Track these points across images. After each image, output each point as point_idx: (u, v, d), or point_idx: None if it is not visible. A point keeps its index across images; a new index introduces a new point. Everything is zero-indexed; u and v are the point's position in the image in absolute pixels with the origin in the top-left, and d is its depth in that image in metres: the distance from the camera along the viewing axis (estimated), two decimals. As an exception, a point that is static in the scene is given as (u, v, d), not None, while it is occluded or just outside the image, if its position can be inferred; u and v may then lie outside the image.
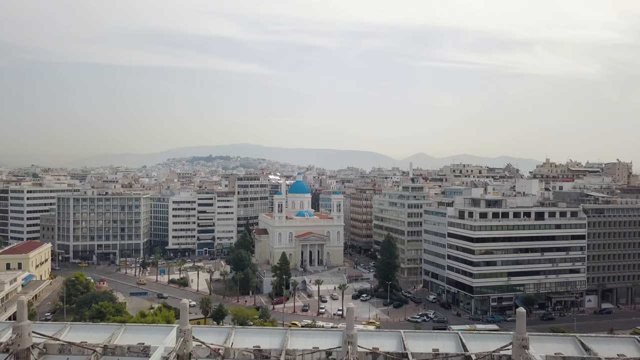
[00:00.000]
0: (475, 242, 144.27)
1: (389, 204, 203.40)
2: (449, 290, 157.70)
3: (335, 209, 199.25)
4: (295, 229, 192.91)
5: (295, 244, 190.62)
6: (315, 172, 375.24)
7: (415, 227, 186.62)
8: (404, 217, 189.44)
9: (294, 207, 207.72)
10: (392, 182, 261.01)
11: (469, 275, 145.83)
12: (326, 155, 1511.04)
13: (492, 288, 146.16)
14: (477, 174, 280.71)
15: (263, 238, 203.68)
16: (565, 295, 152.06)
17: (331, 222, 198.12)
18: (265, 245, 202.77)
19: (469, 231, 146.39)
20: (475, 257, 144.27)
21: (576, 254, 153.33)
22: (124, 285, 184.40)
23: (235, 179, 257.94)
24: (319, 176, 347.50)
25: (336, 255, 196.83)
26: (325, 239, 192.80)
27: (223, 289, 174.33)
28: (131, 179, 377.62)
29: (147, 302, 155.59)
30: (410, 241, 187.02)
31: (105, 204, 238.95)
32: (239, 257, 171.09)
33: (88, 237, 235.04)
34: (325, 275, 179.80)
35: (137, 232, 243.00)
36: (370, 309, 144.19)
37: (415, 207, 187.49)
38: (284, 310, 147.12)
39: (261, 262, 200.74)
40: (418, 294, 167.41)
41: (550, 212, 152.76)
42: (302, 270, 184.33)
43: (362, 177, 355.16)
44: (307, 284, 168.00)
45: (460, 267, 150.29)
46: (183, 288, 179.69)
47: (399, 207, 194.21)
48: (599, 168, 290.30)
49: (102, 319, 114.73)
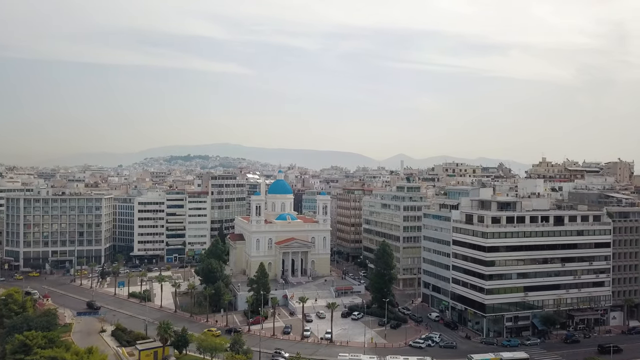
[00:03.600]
0: (488, 251, 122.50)
1: (381, 206, 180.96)
2: (454, 306, 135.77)
3: (321, 211, 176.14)
4: (275, 234, 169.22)
5: (276, 251, 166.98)
6: (298, 171, 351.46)
7: (412, 233, 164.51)
8: (399, 220, 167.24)
9: (274, 209, 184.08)
10: (382, 182, 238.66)
11: (480, 290, 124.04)
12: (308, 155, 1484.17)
13: (507, 305, 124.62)
14: (471, 173, 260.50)
15: (239, 245, 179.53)
16: (588, 313, 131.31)
17: (316, 227, 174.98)
18: (241, 253, 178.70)
19: (479, 239, 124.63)
20: (488, 269, 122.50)
21: (600, 265, 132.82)
22: (76, 300, 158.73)
23: (208, 178, 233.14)
24: (302, 175, 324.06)
25: (322, 264, 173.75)
26: (309, 245, 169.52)
27: (191, 305, 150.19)
28: (99, 178, 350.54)
29: (99, 323, 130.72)
30: (406, 248, 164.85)
31: (61, 206, 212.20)
32: (209, 269, 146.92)
33: (41, 243, 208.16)
34: (309, 287, 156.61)
35: (98, 237, 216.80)
36: (365, 331, 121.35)
37: (411, 210, 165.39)
38: (262, 332, 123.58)
39: (236, 272, 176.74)
40: (417, 310, 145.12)
41: (571, 216, 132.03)
42: (283, 282, 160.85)
43: (347, 176, 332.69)
44: (290, 300, 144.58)
45: (468, 281, 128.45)
46: (144, 303, 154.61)
47: (393, 210, 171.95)
48: (597, 168, 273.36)
49: (28, 354, 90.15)
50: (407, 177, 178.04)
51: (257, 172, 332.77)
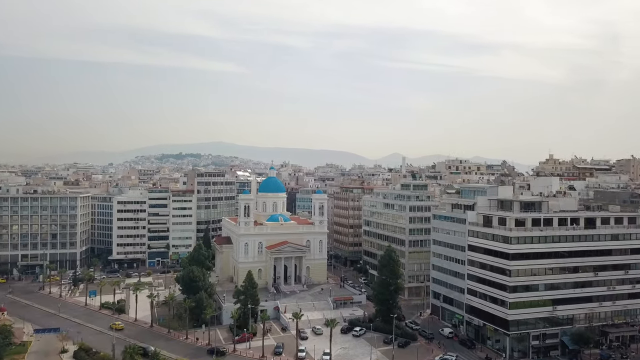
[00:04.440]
0: (512, 259, 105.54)
1: (383, 206, 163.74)
2: (469, 321, 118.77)
3: (317, 211, 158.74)
4: (266, 237, 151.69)
5: (267, 256, 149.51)
6: (291, 169, 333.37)
7: (419, 236, 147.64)
8: (404, 222, 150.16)
9: (265, 209, 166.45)
10: (382, 180, 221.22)
11: (502, 303, 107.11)
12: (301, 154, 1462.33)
13: (533, 321, 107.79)
14: (475, 170, 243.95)
15: (225, 249, 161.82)
16: (624, 329, 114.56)
17: (312, 229, 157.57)
18: (228, 259, 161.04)
19: (501, 244, 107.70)
20: (512, 279, 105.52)
21: (637, 274, 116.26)
22: (40, 312, 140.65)
23: (194, 175, 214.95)
24: (295, 173, 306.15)
25: (318, 271, 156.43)
26: (304, 250, 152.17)
27: (170, 318, 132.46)
28: (82, 175, 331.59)
29: (60, 342, 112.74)
30: (412, 253, 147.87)
31: (32, 205, 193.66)
32: (190, 277, 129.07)
33: (9, 246, 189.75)
34: (304, 297, 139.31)
35: (73, 240, 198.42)
36: (370, 351, 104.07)
37: (419, 210, 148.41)
38: (249, 352, 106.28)
39: (223, 280, 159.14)
40: (427, 324, 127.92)
41: (603, 218, 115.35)
42: (275, 291, 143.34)
43: (343, 174, 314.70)
44: (281, 314, 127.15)
45: (488, 292, 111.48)
46: (118, 316, 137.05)
47: (398, 210, 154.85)
48: (606, 165, 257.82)
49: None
50: (413, 173, 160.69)
51: (248, 170, 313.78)
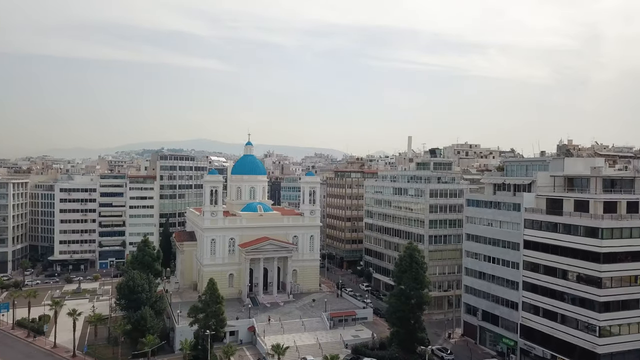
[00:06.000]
0: (605, 261, 70.30)
1: (393, 192, 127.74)
2: (526, 350, 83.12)
3: (307, 198, 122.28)
4: (239, 232, 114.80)
5: (240, 257, 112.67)
6: (276, 157, 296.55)
7: (443, 229, 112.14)
8: (423, 212, 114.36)
9: (240, 196, 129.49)
10: (385, 165, 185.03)
11: (587, 328, 71.75)
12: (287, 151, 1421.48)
13: (631, 356, 72.64)
14: (487, 154, 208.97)
15: (187, 247, 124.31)
16: None
17: (300, 221, 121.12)
18: (191, 260, 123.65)
19: (585, 239, 72.36)
20: (604, 292, 70.26)
21: None
22: None
23: (157, 158, 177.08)
24: (280, 162, 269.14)
25: (308, 276, 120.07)
26: (290, 248, 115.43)
27: (105, 341, 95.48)
28: (42, 165, 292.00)
29: None
30: (434, 252, 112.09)
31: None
32: (130, 287, 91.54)
33: None
34: (290, 312, 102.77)
35: (3, 236, 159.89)
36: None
37: (442, 196, 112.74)
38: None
39: (185, 288, 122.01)
40: (460, 351, 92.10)
41: None
42: (250, 303, 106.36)
43: (332, 163, 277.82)
44: (258, 337, 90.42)
45: (560, 310, 76.07)
46: (34, 339, 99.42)
47: (413, 197, 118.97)
48: (630, 152, 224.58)
49: None
50: (432, 150, 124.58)
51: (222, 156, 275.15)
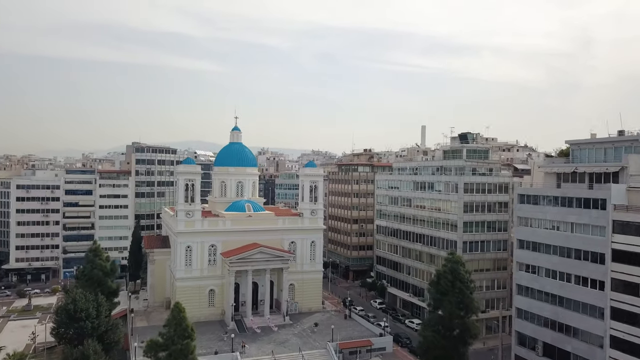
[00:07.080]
0: None
1: (413, 187, 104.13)
2: (618, 401, 59.72)
3: (306, 195, 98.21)
4: (223, 237, 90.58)
5: (223, 269, 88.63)
6: (271, 154, 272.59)
7: (481, 234, 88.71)
8: (455, 211, 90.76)
9: (224, 193, 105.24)
10: (395, 157, 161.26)
11: None
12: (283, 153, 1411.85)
13: None
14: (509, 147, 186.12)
15: (159, 256, 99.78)
16: None
17: (299, 223, 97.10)
18: (164, 271, 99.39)
19: None
20: None
21: None
22: None
23: (132, 151, 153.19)
24: (276, 158, 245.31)
25: (309, 291, 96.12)
26: (286, 258, 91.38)
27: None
28: (18, 162, 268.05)
29: None
30: (469, 261, 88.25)
31: None
32: (70, 313, 67.34)
33: None
34: (287, 341, 78.80)
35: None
36: None
37: (480, 192, 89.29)
38: None
39: (155, 305, 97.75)
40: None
41: None
42: (236, 328, 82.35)
43: (332, 158, 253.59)
44: (242, 385, 66.64)
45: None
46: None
47: (441, 192, 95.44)
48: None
49: None
50: (463, 135, 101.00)
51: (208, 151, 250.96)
